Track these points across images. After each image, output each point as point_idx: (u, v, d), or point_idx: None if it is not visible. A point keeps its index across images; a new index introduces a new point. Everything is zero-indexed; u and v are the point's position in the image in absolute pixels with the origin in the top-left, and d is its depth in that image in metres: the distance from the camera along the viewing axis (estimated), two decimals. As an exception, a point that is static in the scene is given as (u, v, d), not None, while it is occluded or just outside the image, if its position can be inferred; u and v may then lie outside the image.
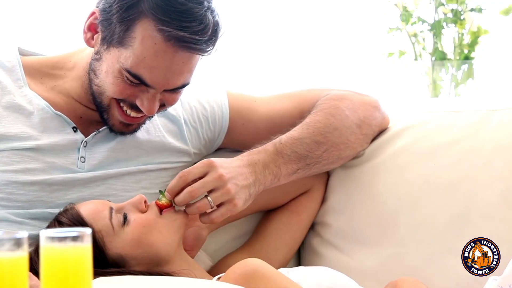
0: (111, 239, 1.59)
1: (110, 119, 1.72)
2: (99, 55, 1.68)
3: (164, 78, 1.64)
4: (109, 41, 1.65)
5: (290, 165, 1.75)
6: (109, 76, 1.66)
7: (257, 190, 1.70)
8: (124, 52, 1.63)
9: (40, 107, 1.72)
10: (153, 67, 1.62)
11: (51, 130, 1.71)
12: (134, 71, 1.63)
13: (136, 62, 1.62)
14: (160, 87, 1.65)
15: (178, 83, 1.67)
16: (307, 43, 2.99)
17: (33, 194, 1.67)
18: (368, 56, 2.98)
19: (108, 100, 1.69)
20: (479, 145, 1.85)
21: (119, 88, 1.66)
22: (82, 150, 1.73)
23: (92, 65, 1.70)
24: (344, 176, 1.92)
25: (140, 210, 1.64)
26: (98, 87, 1.69)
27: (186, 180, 1.63)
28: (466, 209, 1.81)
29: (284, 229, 1.89)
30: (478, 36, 2.79)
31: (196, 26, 1.61)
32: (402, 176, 1.87)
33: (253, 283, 1.46)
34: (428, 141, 1.89)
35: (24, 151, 1.68)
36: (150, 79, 1.64)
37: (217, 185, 1.62)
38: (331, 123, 1.81)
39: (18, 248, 1.04)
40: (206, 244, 1.85)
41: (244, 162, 1.70)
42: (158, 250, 1.60)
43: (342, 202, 1.91)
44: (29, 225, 1.65)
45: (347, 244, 1.89)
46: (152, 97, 1.66)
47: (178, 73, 1.65)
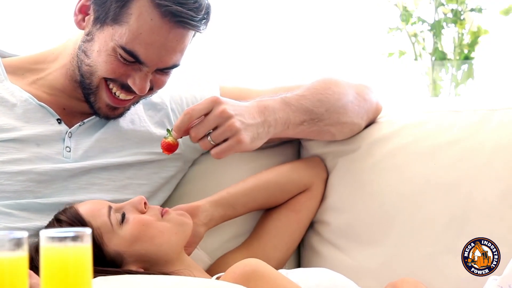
0: (110, 236, 1.59)
1: (96, 102, 1.74)
2: (90, 35, 1.70)
3: (158, 55, 1.67)
4: (102, 20, 1.67)
5: (297, 115, 1.78)
6: (101, 54, 1.68)
7: (266, 131, 1.71)
8: (119, 29, 1.65)
9: (23, 99, 1.73)
10: (148, 43, 1.65)
11: (35, 121, 1.73)
12: (129, 48, 1.65)
13: (131, 38, 1.65)
14: (153, 64, 1.68)
15: (170, 62, 1.69)
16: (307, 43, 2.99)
17: (21, 184, 1.68)
18: (368, 56, 2.98)
19: (98, 80, 1.71)
20: (479, 145, 1.85)
21: (112, 66, 1.68)
22: (67, 140, 1.74)
23: (82, 47, 1.72)
24: (344, 175, 1.92)
25: (140, 210, 1.65)
26: (89, 67, 1.71)
27: (192, 117, 1.64)
28: (466, 209, 1.81)
29: (283, 227, 1.89)
30: (478, 36, 2.79)
31: (192, 3, 1.65)
32: (402, 176, 1.87)
33: (252, 283, 1.46)
34: (428, 140, 1.89)
35: (9, 142, 1.69)
36: (144, 55, 1.66)
37: (220, 122, 1.64)
38: (329, 87, 1.85)
39: (18, 248, 1.04)
40: (205, 243, 1.85)
41: (253, 104, 1.72)
42: (157, 248, 1.61)
43: (342, 201, 1.91)
44: (17, 216, 1.66)
45: (346, 243, 1.89)
46: (145, 75, 1.69)
47: (171, 51, 1.67)
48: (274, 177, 1.89)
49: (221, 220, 1.83)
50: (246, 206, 1.86)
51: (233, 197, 1.84)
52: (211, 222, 1.80)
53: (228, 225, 1.89)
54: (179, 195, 1.94)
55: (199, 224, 1.77)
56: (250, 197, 1.86)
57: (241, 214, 1.87)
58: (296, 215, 1.90)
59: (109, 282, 1.45)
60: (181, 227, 1.66)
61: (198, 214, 1.78)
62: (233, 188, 1.86)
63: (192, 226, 1.70)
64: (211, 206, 1.81)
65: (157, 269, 1.60)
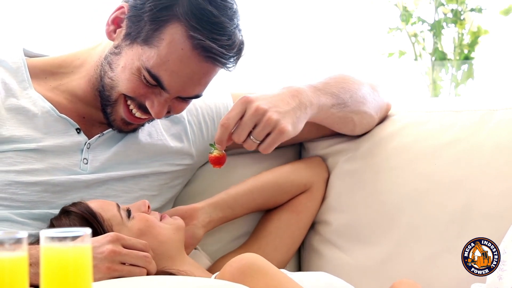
0: (119, 228, 1.61)
1: (112, 114, 1.73)
2: (118, 49, 1.68)
3: (182, 84, 1.65)
4: (133, 38, 1.65)
5: (327, 98, 1.78)
6: (126, 71, 1.66)
7: (304, 113, 1.71)
8: (148, 51, 1.63)
9: (45, 110, 1.72)
10: (174, 72, 1.63)
11: (55, 132, 1.72)
12: (154, 72, 1.63)
13: (158, 63, 1.63)
14: (174, 92, 1.66)
15: (192, 93, 1.68)
16: (307, 43, 2.99)
17: (36, 195, 1.67)
18: (368, 56, 2.98)
19: (117, 95, 1.69)
20: (479, 145, 1.85)
21: (132, 86, 1.66)
22: (86, 152, 1.73)
23: (108, 58, 1.70)
24: (345, 175, 1.92)
25: (143, 212, 1.68)
26: (111, 80, 1.69)
27: (229, 127, 1.64)
28: (467, 209, 1.81)
29: (284, 228, 1.89)
30: (478, 36, 2.79)
31: (225, 40, 1.62)
32: (402, 175, 1.87)
33: (249, 276, 1.47)
34: (428, 140, 1.89)
35: (28, 152, 1.68)
36: (168, 82, 1.64)
37: (257, 119, 1.63)
38: (347, 79, 1.86)
39: (18, 248, 1.05)
40: (205, 244, 1.85)
41: (283, 90, 1.71)
42: (160, 244, 1.63)
43: (343, 200, 1.91)
44: (31, 226, 1.65)
45: (347, 243, 1.89)
46: (164, 101, 1.67)
47: (196, 83, 1.66)
48: (273, 178, 1.89)
49: (220, 222, 1.84)
50: (245, 207, 1.86)
51: (232, 198, 1.84)
52: (209, 224, 1.81)
53: (229, 226, 1.89)
54: (181, 196, 1.94)
55: (197, 226, 1.78)
56: (249, 198, 1.86)
57: (240, 215, 1.87)
58: (296, 216, 1.89)
59: (109, 282, 1.45)
60: (177, 229, 1.68)
61: (196, 216, 1.79)
62: (232, 190, 1.86)
63: (189, 224, 1.72)
64: (210, 208, 1.82)
65: (160, 266, 1.61)
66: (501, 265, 1.56)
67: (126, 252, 1.51)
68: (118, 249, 1.50)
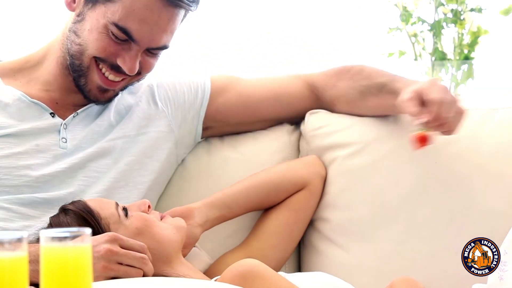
0: (117, 227, 1.61)
1: (87, 84, 1.76)
2: (81, 16, 1.72)
3: (150, 33, 1.70)
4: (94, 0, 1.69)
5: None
6: (93, 33, 1.71)
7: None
8: (112, 6, 1.68)
9: (16, 97, 1.75)
10: (141, 20, 1.68)
11: (29, 117, 1.75)
12: (122, 24, 1.69)
13: (124, 15, 1.68)
14: (144, 43, 1.71)
15: (161, 42, 1.72)
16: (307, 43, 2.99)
17: (19, 179, 1.69)
18: (368, 56, 2.98)
19: (88, 60, 1.73)
20: (479, 144, 1.85)
21: (102, 44, 1.71)
22: (63, 132, 1.76)
23: (73, 28, 1.74)
24: (345, 172, 1.92)
25: (143, 211, 1.68)
26: (79, 46, 1.73)
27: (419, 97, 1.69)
28: (467, 208, 1.81)
29: (282, 227, 1.89)
30: (478, 36, 2.79)
31: None
32: (402, 173, 1.87)
33: (249, 282, 1.47)
34: (428, 140, 1.89)
35: (6, 137, 1.71)
36: (136, 32, 1.69)
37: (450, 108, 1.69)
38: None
39: (18, 247, 1.05)
40: (204, 241, 1.85)
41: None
42: (158, 245, 1.63)
43: (342, 198, 1.91)
44: (16, 212, 1.67)
45: (346, 240, 1.89)
46: (135, 55, 1.71)
47: (162, 30, 1.71)
48: (269, 176, 1.89)
49: (217, 221, 1.84)
50: (242, 206, 1.86)
51: (228, 197, 1.85)
52: (206, 223, 1.81)
53: (227, 222, 1.89)
54: (177, 194, 1.94)
55: (194, 226, 1.78)
56: (245, 197, 1.86)
57: (237, 214, 1.88)
58: (294, 214, 1.90)
59: (109, 282, 1.45)
60: (178, 229, 1.68)
61: (193, 216, 1.79)
62: (229, 189, 1.87)
63: (187, 228, 1.71)
64: (206, 207, 1.82)
65: (157, 268, 1.60)
66: (502, 265, 1.56)
67: (123, 253, 1.51)
68: (115, 249, 1.50)
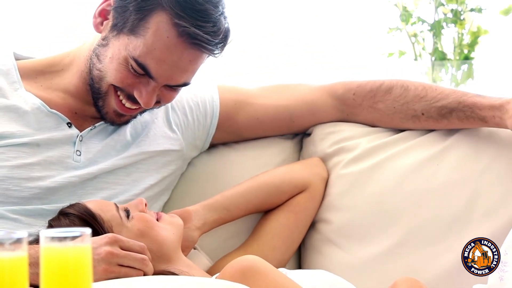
0: (120, 229, 1.61)
1: (104, 107, 1.74)
2: (106, 41, 1.70)
3: (169, 72, 1.67)
4: (120, 28, 1.67)
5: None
6: (113, 62, 1.69)
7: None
8: (134, 40, 1.66)
9: (36, 106, 1.73)
10: (160, 60, 1.65)
11: (46, 128, 1.73)
12: (141, 61, 1.66)
13: (145, 52, 1.65)
14: (162, 80, 1.68)
15: (180, 80, 1.70)
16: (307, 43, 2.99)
17: (29, 191, 1.68)
18: (368, 56, 2.98)
19: (106, 86, 1.71)
20: (480, 145, 1.85)
21: (121, 76, 1.69)
22: (78, 144, 1.74)
23: (96, 50, 1.72)
24: (346, 174, 1.92)
25: (140, 210, 1.67)
26: (99, 71, 1.71)
27: None
28: (468, 209, 1.81)
29: (282, 228, 1.88)
30: (478, 36, 2.79)
31: (210, 27, 1.65)
32: (403, 175, 1.87)
33: (249, 278, 1.47)
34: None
35: (20, 146, 1.69)
36: (155, 71, 1.66)
37: None
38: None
39: (18, 248, 1.04)
40: (204, 243, 1.85)
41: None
42: (159, 245, 1.63)
43: (344, 199, 1.91)
44: (23, 222, 1.66)
45: (348, 242, 1.88)
46: (152, 90, 1.69)
47: (183, 70, 1.68)
48: (269, 179, 1.89)
49: (216, 224, 1.84)
50: (242, 208, 1.86)
51: (227, 200, 1.85)
52: (204, 226, 1.81)
53: (227, 224, 1.89)
54: (179, 196, 1.94)
55: (192, 229, 1.78)
56: (244, 199, 1.86)
57: (237, 217, 1.87)
58: (295, 216, 1.89)
59: (109, 282, 1.45)
60: (175, 227, 1.68)
61: (191, 219, 1.79)
62: (228, 191, 1.86)
63: (183, 227, 1.71)
64: (204, 210, 1.82)
65: (158, 267, 1.60)
66: (502, 266, 1.56)
67: (123, 254, 1.51)
68: (115, 251, 1.50)
